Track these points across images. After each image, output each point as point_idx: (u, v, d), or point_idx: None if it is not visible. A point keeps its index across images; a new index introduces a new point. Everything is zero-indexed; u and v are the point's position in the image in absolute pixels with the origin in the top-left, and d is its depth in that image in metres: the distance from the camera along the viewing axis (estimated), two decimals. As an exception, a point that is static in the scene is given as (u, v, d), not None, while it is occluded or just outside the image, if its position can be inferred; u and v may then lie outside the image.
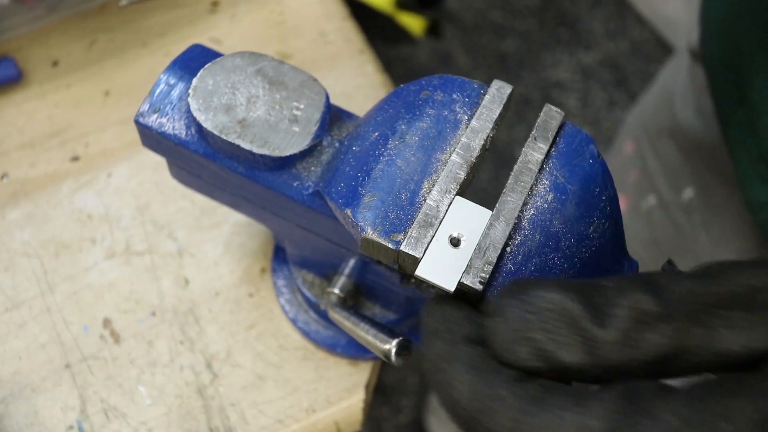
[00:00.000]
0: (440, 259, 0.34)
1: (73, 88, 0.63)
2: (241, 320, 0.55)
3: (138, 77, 0.63)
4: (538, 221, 0.35)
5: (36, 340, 0.54)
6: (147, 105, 0.42)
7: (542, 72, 1.83)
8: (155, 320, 0.55)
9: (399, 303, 0.49)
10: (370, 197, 0.36)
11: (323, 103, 0.41)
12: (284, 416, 0.53)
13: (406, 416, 1.43)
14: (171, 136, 0.41)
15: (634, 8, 1.91)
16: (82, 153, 0.60)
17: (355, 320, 0.44)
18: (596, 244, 0.36)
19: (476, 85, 0.39)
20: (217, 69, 0.41)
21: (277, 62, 0.42)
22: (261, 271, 0.57)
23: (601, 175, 0.37)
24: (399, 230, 0.34)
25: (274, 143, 0.39)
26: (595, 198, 0.36)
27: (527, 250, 0.34)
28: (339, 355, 0.54)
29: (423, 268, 0.34)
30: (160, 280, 0.56)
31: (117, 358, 0.54)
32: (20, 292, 0.55)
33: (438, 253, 0.34)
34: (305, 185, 0.40)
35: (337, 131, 0.42)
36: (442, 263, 0.34)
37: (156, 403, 0.52)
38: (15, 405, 0.52)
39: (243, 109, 0.40)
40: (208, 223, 0.58)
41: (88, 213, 0.58)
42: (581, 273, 0.36)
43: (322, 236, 0.45)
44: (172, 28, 0.66)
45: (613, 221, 0.37)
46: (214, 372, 0.54)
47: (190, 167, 0.44)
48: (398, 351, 0.40)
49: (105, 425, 0.52)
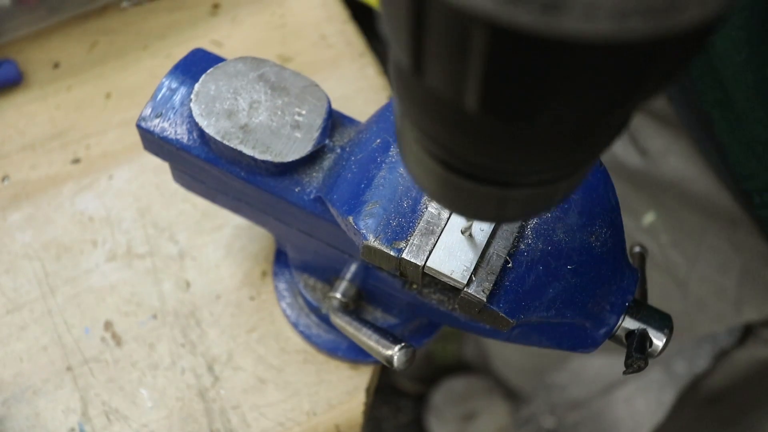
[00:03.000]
0: (452, 253, 0.34)
1: (74, 90, 0.63)
2: (242, 323, 0.55)
3: (139, 79, 0.63)
4: (541, 230, 0.35)
5: (37, 343, 0.54)
6: (149, 109, 0.42)
7: (542, 71, 1.83)
8: (156, 323, 0.55)
9: (400, 307, 0.49)
10: (372, 205, 0.36)
11: (325, 109, 0.41)
12: (285, 419, 0.53)
13: (406, 416, 1.43)
14: (173, 140, 0.41)
15: (633, 8, 1.91)
16: (83, 155, 0.60)
17: (357, 325, 0.44)
18: (598, 252, 0.36)
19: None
20: (219, 74, 0.41)
21: (278, 68, 0.42)
22: (262, 274, 0.57)
23: (603, 184, 0.37)
24: (401, 238, 0.35)
25: (276, 149, 0.39)
26: (598, 207, 0.36)
27: (531, 259, 0.35)
28: (340, 359, 0.54)
29: (434, 260, 0.34)
30: (161, 283, 0.56)
31: (118, 361, 0.54)
32: (21, 295, 0.55)
33: (449, 246, 0.34)
34: (307, 191, 0.40)
35: (338, 137, 0.42)
36: (454, 257, 0.34)
37: (157, 405, 0.53)
38: (17, 407, 0.52)
39: (245, 114, 0.40)
40: (210, 226, 0.58)
41: (89, 215, 0.58)
42: (584, 281, 0.36)
43: (323, 241, 0.45)
44: (173, 31, 0.66)
45: (614, 230, 0.37)
46: (215, 375, 0.54)
47: (192, 172, 0.44)
48: (401, 357, 0.40)
49: (106, 427, 0.52)
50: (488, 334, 0.45)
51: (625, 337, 0.39)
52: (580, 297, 0.36)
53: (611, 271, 0.37)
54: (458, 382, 1.39)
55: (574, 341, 0.40)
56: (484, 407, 1.38)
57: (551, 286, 0.35)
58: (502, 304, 0.34)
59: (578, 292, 0.36)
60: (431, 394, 1.39)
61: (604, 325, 0.39)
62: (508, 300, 0.34)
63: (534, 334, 0.42)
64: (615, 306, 0.38)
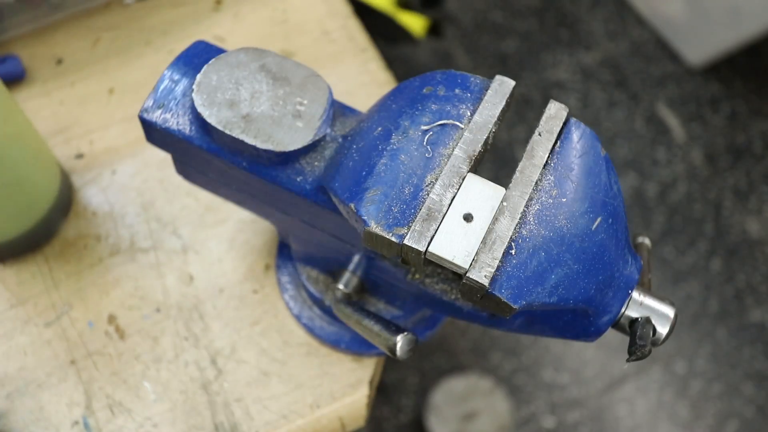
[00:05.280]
0: (453, 238, 0.34)
1: (77, 85, 0.63)
2: (245, 316, 0.55)
3: (142, 75, 0.64)
4: (543, 216, 0.35)
5: (41, 337, 0.54)
6: (151, 101, 0.42)
7: (542, 72, 1.83)
8: (160, 316, 0.55)
9: (403, 299, 0.49)
10: (374, 191, 0.36)
11: (326, 98, 0.41)
12: (288, 412, 0.53)
13: (406, 416, 1.43)
14: (175, 131, 0.42)
15: (634, 8, 1.91)
16: (87, 150, 0.60)
17: (360, 316, 0.44)
18: (601, 239, 0.36)
19: (479, 80, 0.39)
20: (221, 65, 0.41)
21: (280, 58, 0.42)
22: (265, 267, 0.57)
23: (605, 171, 0.37)
24: (402, 224, 0.35)
25: (278, 138, 0.40)
26: (600, 194, 0.36)
27: (533, 245, 0.35)
28: (343, 351, 0.54)
29: (436, 246, 0.34)
30: (164, 277, 0.56)
31: (122, 354, 0.54)
32: (25, 289, 0.55)
33: (451, 232, 0.34)
34: (309, 180, 0.41)
35: (340, 126, 0.42)
36: (456, 242, 0.34)
37: (161, 398, 0.53)
38: (21, 401, 0.52)
39: (247, 104, 0.40)
40: (213, 220, 0.58)
41: (93, 210, 0.58)
42: (586, 268, 0.36)
43: (326, 232, 0.45)
44: (175, 26, 0.66)
45: (617, 217, 0.37)
46: (218, 368, 0.54)
47: (195, 163, 0.44)
48: (403, 345, 0.40)
49: (110, 420, 0.52)
50: (491, 324, 0.45)
51: (629, 325, 0.39)
52: (582, 284, 0.36)
53: (614, 259, 0.37)
54: (458, 382, 1.39)
55: (577, 330, 0.40)
56: (484, 407, 1.38)
57: (553, 272, 0.35)
58: (504, 290, 0.34)
59: (581, 278, 0.36)
60: (431, 394, 1.39)
61: (607, 313, 0.39)
62: (510, 286, 0.34)
63: (537, 323, 0.42)
64: (618, 294, 0.38)
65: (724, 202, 1.68)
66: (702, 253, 1.61)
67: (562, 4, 1.94)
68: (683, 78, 1.82)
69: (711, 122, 1.77)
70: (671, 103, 1.79)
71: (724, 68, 1.83)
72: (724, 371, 1.51)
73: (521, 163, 0.36)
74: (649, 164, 1.70)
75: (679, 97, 1.80)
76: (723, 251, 1.62)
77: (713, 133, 1.76)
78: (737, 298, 1.58)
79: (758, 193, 1.69)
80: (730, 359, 1.52)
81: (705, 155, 1.73)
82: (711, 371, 1.50)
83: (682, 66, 1.84)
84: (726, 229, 1.64)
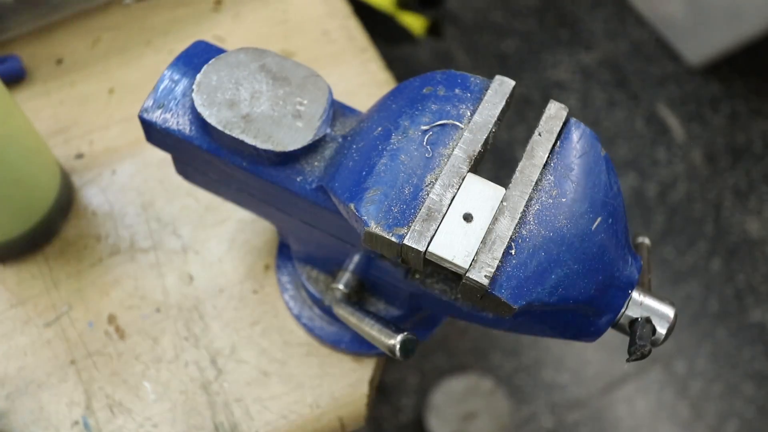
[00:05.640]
0: (453, 238, 0.34)
1: (77, 85, 0.63)
2: (245, 316, 0.55)
3: (142, 75, 0.64)
4: (543, 216, 0.35)
5: (41, 337, 0.54)
6: (151, 100, 0.42)
7: (542, 72, 1.83)
8: (160, 316, 0.55)
9: (403, 299, 0.49)
10: (374, 191, 0.36)
11: (326, 98, 0.41)
12: (288, 412, 0.53)
13: (406, 416, 1.43)
14: (175, 131, 0.42)
15: (634, 8, 1.92)
16: (87, 150, 0.60)
17: (359, 316, 0.44)
18: (601, 239, 0.36)
19: (479, 80, 0.39)
20: (220, 65, 0.42)
21: (280, 58, 0.42)
22: (265, 267, 0.57)
23: (605, 171, 0.37)
24: (402, 224, 0.35)
25: (278, 138, 0.40)
26: (600, 194, 0.36)
27: (533, 245, 0.35)
28: (343, 351, 0.54)
29: (436, 246, 0.34)
30: (164, 277, 0.56)
31: (122, 354, 0.54)
32: (25, 289, 0.55)
33: (451, 232, 0.34)
34: (308, 180, 0.41)
35: (340, 126, 0.42)
36: (455, 242, 0.34)
37: (161, 398, 0.53)
38: (20, 401, 0.52)
39: (247, 104, 0.40)
40: (213, 220, 0.58)
41: (93, 210, 0.58)
42: (586, 268, 0.36)
43: (325, 232, 0.45)
44: (175, 27, 0.66)
45: (617, 217, 0.37)
46: (218, 368, 0.54)
47: (195, 163, 0.44)
48: (403, 346, 0.40)
49: (110, 420, 0.52)
50: (491, 324, 0.45)
51: (629, 325, 0.39)
52: (582, 284, 0.36)
53: (614, 259, 0.37)
54: (458, 382, 1.39)
55: (577, 330, 0.40)
56: (484, 407, 1.38)
57: (553, 272, 0.35)
58: (504, 290, 0.34)
59: (581, 278, 0.36)
60: (431, 394, 1.39)
61: (607, 313, 0.39)
62: (510, 285, 0.34)
63: (537, 323, 0.42)
64: (618, 294, 0.38)
65: (724, 202, 1.68)
66: (702, 253, 1.61)
67: (562, 4, 1.94)
68: (683, 78, 1.82)
69: (711, 122, 1.77)
70: (671, 103, 1.79)
71: (724, 68, 1.83)
72: (724, 371, 1.51)
73: (521, 163, 0.36)
74: (649, 164, 1.70)
75: (679, 97, 1.80)
76: (723, 251, 1.62)
77: (713, 133, 1.76)
78: (737, 298, 1.58)
79: (758, 193, 1.69)
80: (730, 359, 1.52)
81: (705, 155, 1.73)
82: (711, 371, 1.50)
83: (682, 66, 1.84)
84: (726, 229, 1.65)
